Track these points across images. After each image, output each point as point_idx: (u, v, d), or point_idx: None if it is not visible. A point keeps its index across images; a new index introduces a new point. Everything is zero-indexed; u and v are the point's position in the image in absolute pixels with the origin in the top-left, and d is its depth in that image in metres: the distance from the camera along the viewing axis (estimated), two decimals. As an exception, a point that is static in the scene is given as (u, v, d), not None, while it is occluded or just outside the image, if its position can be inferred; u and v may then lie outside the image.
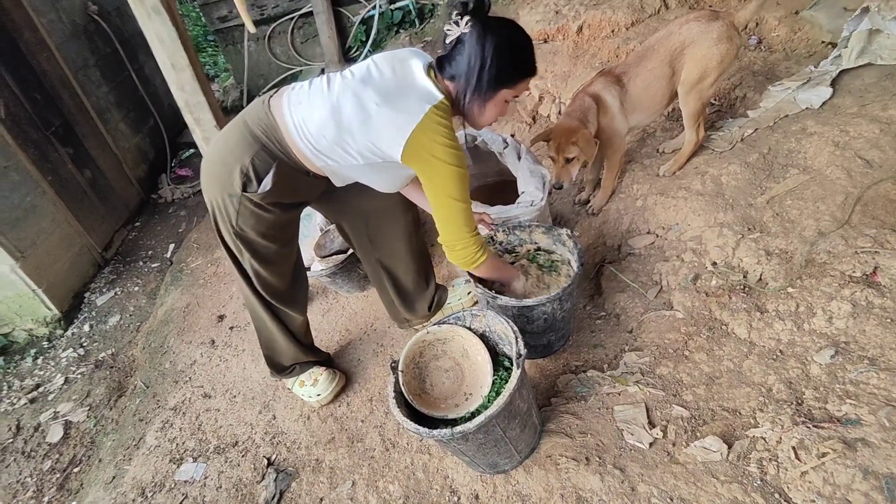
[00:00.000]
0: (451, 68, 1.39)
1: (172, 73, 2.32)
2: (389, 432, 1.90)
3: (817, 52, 2.47)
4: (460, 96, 1.40)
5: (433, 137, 1.34)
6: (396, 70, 1.41)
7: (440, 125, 1.34)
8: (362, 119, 1.37)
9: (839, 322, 1.53)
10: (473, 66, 1.33)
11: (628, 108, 2.15)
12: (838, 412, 1.35)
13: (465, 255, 1.52)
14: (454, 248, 1.52)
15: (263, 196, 1.49)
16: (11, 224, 2.85)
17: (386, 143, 1.37)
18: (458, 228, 1.48)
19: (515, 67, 1.39)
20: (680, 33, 2.02)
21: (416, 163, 1.38)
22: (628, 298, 2.03)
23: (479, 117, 1.46)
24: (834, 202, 1.82)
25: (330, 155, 1.44)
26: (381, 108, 1.35)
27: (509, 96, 1.44)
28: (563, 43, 3.38)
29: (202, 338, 2.69)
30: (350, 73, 1.45)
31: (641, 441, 1.50)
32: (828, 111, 2.14)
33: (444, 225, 1.49)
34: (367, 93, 1.37)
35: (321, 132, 1.41)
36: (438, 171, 1.38)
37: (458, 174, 1.39)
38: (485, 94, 1.39)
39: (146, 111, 4.52)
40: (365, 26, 4.83)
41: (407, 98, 1.35)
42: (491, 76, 1.35)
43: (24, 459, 2.38)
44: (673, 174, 2.28)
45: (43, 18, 3.45)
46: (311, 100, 1.43)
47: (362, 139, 1.39)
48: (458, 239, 1.49)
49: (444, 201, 1.43)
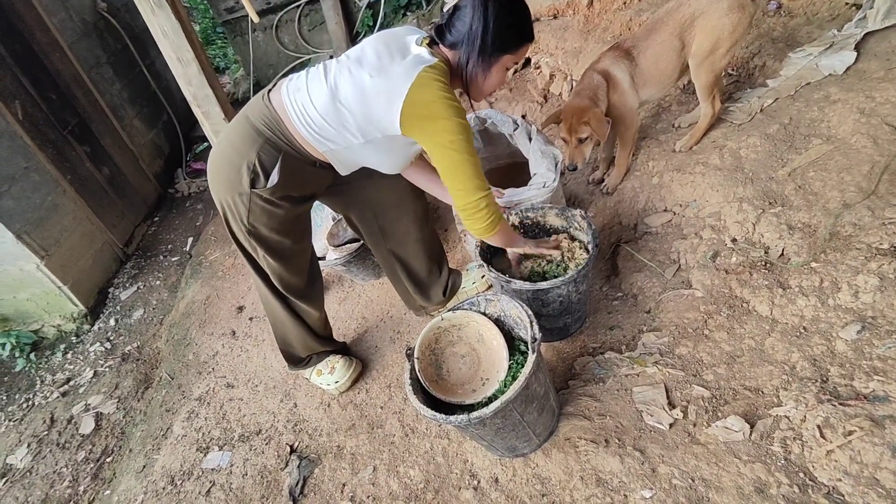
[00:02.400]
0: (451, 35, 1.37)
1: (179, 67, 2.33)
2: (408, 418, 1.92)
3: (841, 15, 2.35)
4: (462, 63, 1.38)
5: (428, 93, 1.31)
6: (390, 46, 1.40)
7: (434, 80, 1.32)
8: (359, 94, 1.36)
9: (866, 296, 1.48)
10: (476, 29, 1.32)
11: (639, 82, 2.09)
12: (865, 389, 1.31)
13: (485, 217, 1.47)
14: (474, 210, 1.46)
15: (273, 190, 1.49)
16: (35, 223, 2.92)
17: (383, 111, 1.35)
18: (472, 187, 1.42)
19: (517, 30, 1.37)
20: (690, 4, 1.96)
21: (415, 124, 1.35)
22: (645, 278, 2.00)
23: (483, 84, 1.44)
24: (860, 172, 1.75)
25: (332, 138, 1.44)
26: (375, 78, 1.34)
27: (510, 62, 1.42)
28: (573, 18, 3.29)
29: (223, 329, 2.74)
30: (346, 55, 1.44)
31: (661, 422, 1.49)
32: (852, 77, 2.04)
33: (456, 185, 1.44)
34: (363, 70, 1.36)
35: (322, 115, 1.40)
36: (439, 126, 1.34)
37: (459, 126, 1.34)
38: (489, 59, 1.37)
39: (159, 106, 4.56)
40: (372, 10, 4.76)
41: (400, 66, 1.34)
42: (493, 39, 1.33)
43: (59, 451, 2.47)
44: (689, 149, 2.22)
45: (54, 18, 3.48)
46: (309, 86, 1.42)
47: (360, 114, 1.38)
48: (474, 198, 1.43)
49: (450, 157, 1.38)
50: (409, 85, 1.30)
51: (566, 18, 3.33)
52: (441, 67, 1.35)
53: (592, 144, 2.08)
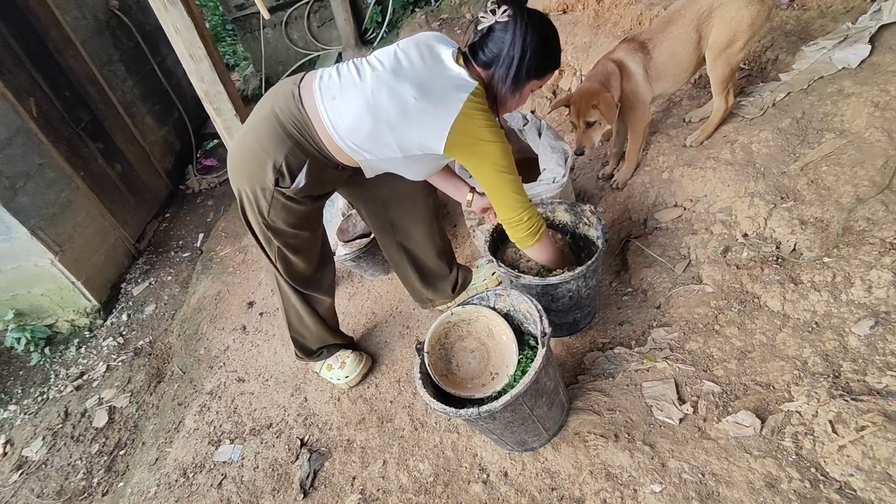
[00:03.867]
0: (485, 56, 1.40)
1: (191, 64, 2.34)
2: (418, 412, 1.93)
3: (855, 8, 2.32)
4: (495, 84, 1.42)
5: (475, 123, 1.36)
6: (425, 57, 1.41)
7: (478, 110, 1.37)
8: (401, 113, 1.37)
9: (879, 291, 1.47)
10: (513, 56, 1.35)
11: (653, 76, 2.08)
12: (878, 384, 1.30)
13: (530, 227, 1.54)
14: (519, 222, 1.53)
15: (297, 191, 1.50)
16: (49, 219, 2.96)
17: (428, 137, 1.39)
18: (517, 202, 1.50)
19: (548, 60, 1.43)
20: None
21: (460, 150, 1.41)
22: (655, 273, 1.99)
23: (509, 105, 1.49)
24: (873, 166, 1.73)
25: (369, 150, 1.45)
26: (420, 102, 1.35)
27: (535, 86, 1.48)
28: (583, 12, 3.27)
29: (234, 324, 2.76)
30: (379, 62, 1.42)
31: (671, 417, 1.48)
32: (866, 70, 2.02)
33: (504, 202, 1.51)
34: (403, 86, 1.36)
35: (357, 127, 1.40)
36: (486, 152, 1.40)
37: (503, 149, 1.42)
38: (520, 84, 1.42)
39: (170, 103, 4.60)
40: (380, 6, 4.77)
41: (444, 89, 1.36)
42: (529, 67, 1.38)
43: (73, 443, 2.51)
44: (700, 144, 2.20)
45: (67, 16, 3.52)
46: (343, 94, 1.41)
47: (401, 133, 1.40)
48: (520, 211, 1.51)
49: (498, 178, 1.46)
50: (456, 115, 1.34)
51: (576, 13, 3.32)
52: (481, 93, 1.39)
53: (601, 130, 2.07)
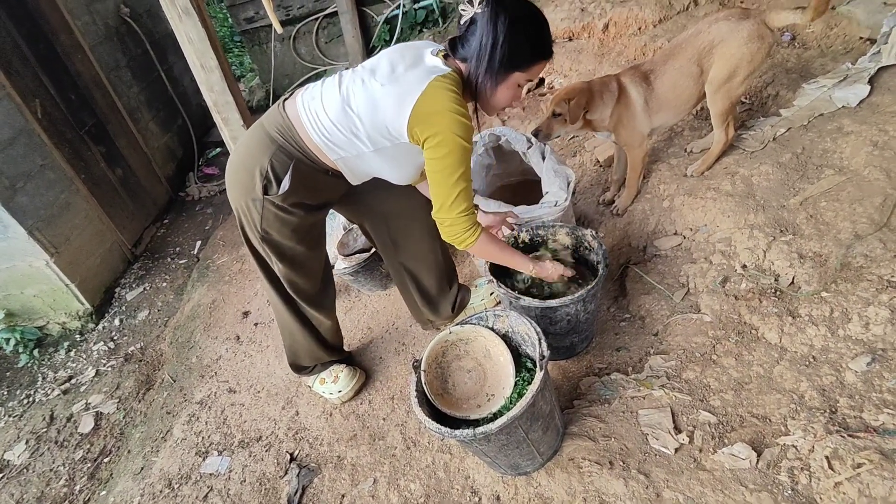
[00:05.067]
0: (464, 49, 1.37)
1: (202, 74, 2.37)
2: (411, 431, 1.91)
3: (855, 49, 2.38)
4: (472, 77, 1.38)
5: (437, 101, 1.32)
6: (406, 57, 1.41)
7: (446, 89, 1.32)
8: (369, 102, 1.38)
9: (876, 328, 1.48)
10: (485, 45, 1.31)
11: (653, 107, 2.12)
12: (875, 422, 1.30)
13: (453, 233, 1.48)
14: (443, 223, 1.47)
15: (284, 197, 1.50)
16: (47, 221, 2.94)
17: (392, 117, 1.36)
18: (451, 203, 1.42)
19: (529, 48, 1.36)
20: (709, 31, 1.98)
21: (420, 130, 1.35)
22: (654, 301, 1.99)
23: (492, 99, 1.43)
24: (871, 204, 1.76)
25: (342, 145, 1.45)
26: (386, 86, 1.35)
27: (522, 80, 1.41)
28: (588, 41, 3.34)
29: (227, 333, 2.74)
30: (361, 66, 1.46)
31: (667, 446, 1.47)
32: (865, 110, 2.06)
33: (438, 197, 1.44)
34: (376, 79, 1.38)
35: (333, 122, 1.42)
36: (441, 139, 1.33)
37: (460, 145, 1.34)
38: (497, 76, 1.36)
39: (175, 111, 4.62)
40: (389, 25, 4.84)
41: (413, 75, 1.35)
42: (503, 56, 1.32)
43: (57, 449, 2.46)
44: (701, 174, 2.23)
45: (78, 21, 3.55)
46: (323, 94, 1.45)
47: (369, 121, 1.40)
48: (447, 214, 1.44)
49: (442, 171, 1.38)
50: (421, 91, 1.31)
51: (581, 41, 3.38)
52: (453, 77, 1.36)
53: (562, 127, 2.08)
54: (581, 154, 2.90)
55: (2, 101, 2.78)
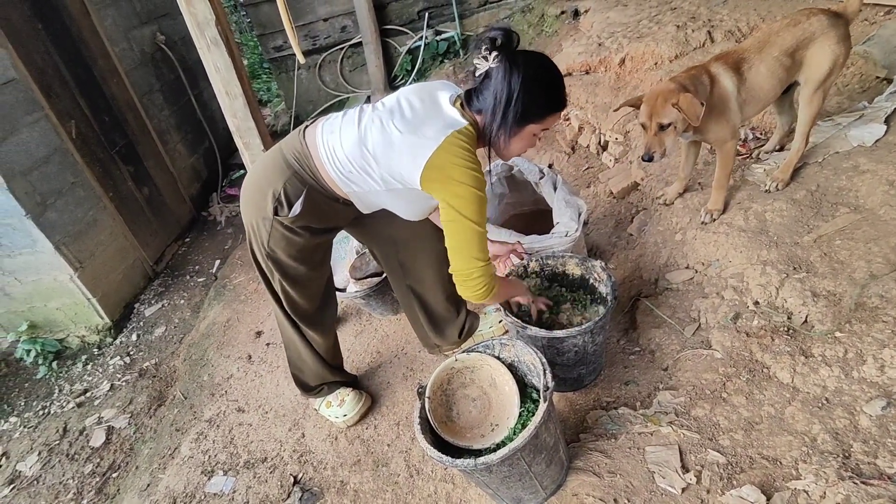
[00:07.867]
0: (479, 102, 1.41)
1: (227, 100, 2.47)
2: (415, 458, 1.90)
3: (871, 88, 2.38)
4: (487, 130, 1.42)
5: (451, 159, 1.36)
6: (424, 101, 1.46)
7: (460, 147, 1.36)
8: (385, 146, 1.42)
9: (892, 371, 1.44)
10: (500, 101, 1.35)
11: (745, 98, 1.93)
12: (889, 469, 1.26)
13: (477, 287, 1.47)
14: (468, 278, 1.46)
15: (294, 220, 1.55)
16: (74, 236, 3.05)
17: (406, 168, 1.40)
18: (472, 256, 1.43)
19: (543, 102, 1.40)
20: (810, 22, 1.88)
21: (434, 185, 1.39)
22: (664, 335, 1.97)
23: (505, 150, 1.48)
24: (888, 244, 1.73)
25: (356, 181, 1.50)
26: (405, 135, 1.39)
27: (537, 130, 1.45)
28: (604, 74, 3.39)
29: (240, 352, 2.77)
30: (381, 104, 1.51)
31: (674, 485, 1.44)
32: (882, 149, 2.05)
33: (458, 251, 1.44)
34: (393, 122, 1.42)
35: (348, 158, 1.47)
36: (455, 192, 1.37)
37: (475, 196, 1.37)
38: (511, 129, 1.40)
39: (202, 133, 4.78)
40: (411, 56, 4.99)
41: (431, 126, 1.39)
42: (517, 112, 1.36)
43: (67, 461, 2.49)
44: (787, 185, 2.11)
45: (116, 47, 3.73)
46: (342, 129, 1.50)
47: (384, 165, 1.44)
48: (471, 268, 1.44)
49: (460, 224, 1.40)
50: (436, 148, 1.35)
51: (598, 74, 3.43)
52: (469, 133, 1.40)
53: (676, 135, 1.88)
54: (595, 185, 2.92)
55: (40, 122, 2.92)
